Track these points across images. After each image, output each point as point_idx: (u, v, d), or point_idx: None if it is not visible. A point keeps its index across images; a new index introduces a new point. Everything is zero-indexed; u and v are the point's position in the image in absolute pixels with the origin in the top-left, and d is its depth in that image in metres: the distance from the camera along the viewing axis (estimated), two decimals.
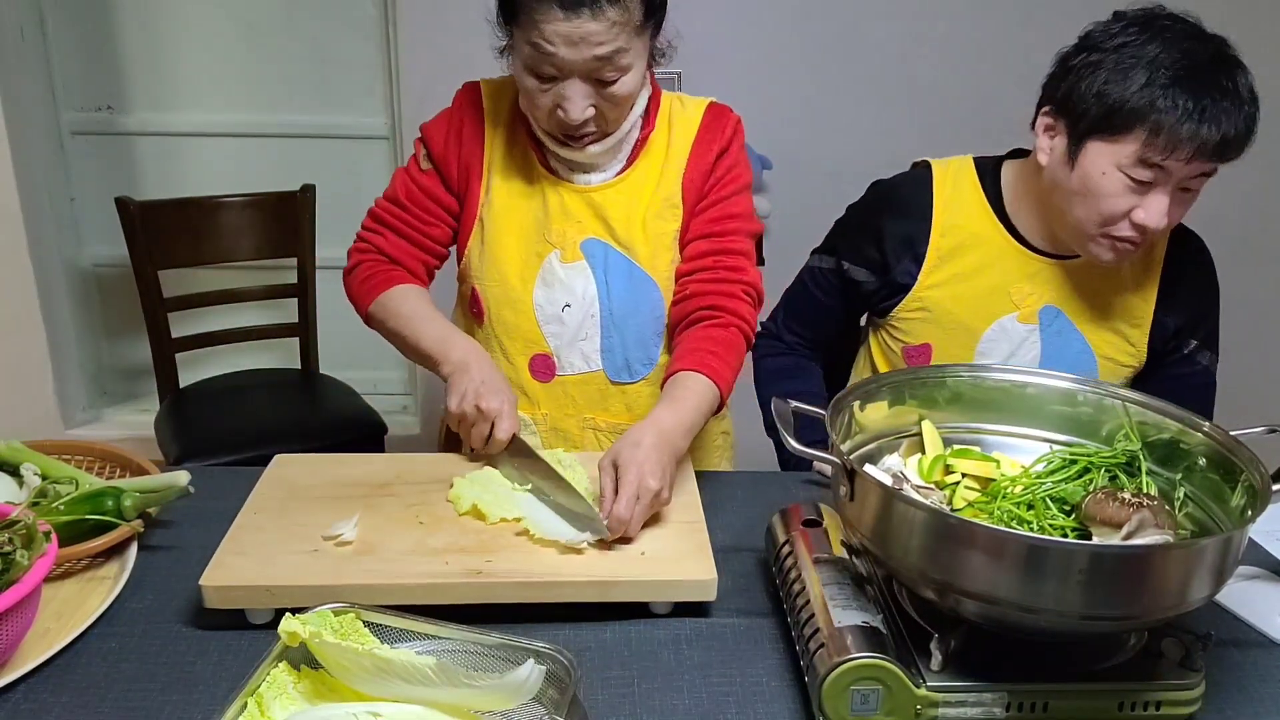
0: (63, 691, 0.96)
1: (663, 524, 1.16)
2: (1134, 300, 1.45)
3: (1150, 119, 1.24)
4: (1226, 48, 1.28)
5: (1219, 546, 0.87)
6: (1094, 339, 1.45)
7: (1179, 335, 1.47)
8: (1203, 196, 1.33)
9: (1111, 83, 1.26)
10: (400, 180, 1.46)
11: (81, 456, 1.29)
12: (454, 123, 1.43)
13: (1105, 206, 1.31)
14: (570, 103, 1.28)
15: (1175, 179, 1.27)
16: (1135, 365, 1.47)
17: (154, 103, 2.82)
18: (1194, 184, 1.30)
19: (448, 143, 1.43)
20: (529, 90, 1.30)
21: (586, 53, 1.23)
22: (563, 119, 1.30)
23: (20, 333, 2.70)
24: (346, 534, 1.11)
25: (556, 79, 1.27)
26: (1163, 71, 1.24)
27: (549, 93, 1.29)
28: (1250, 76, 1.26)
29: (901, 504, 0.92)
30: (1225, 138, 1.23)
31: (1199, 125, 1.22)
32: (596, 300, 1.41)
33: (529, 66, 1.27)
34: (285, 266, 2.48)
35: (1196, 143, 1.23)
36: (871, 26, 2.63)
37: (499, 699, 0.84)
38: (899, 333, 1.50)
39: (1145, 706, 0.92)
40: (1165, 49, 1.25)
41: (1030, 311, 1.44)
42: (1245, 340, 2.94)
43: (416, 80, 2.66)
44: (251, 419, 2.35)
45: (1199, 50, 1.25)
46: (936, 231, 1.46)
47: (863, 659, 0.89)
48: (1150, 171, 1.27)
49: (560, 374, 1.44)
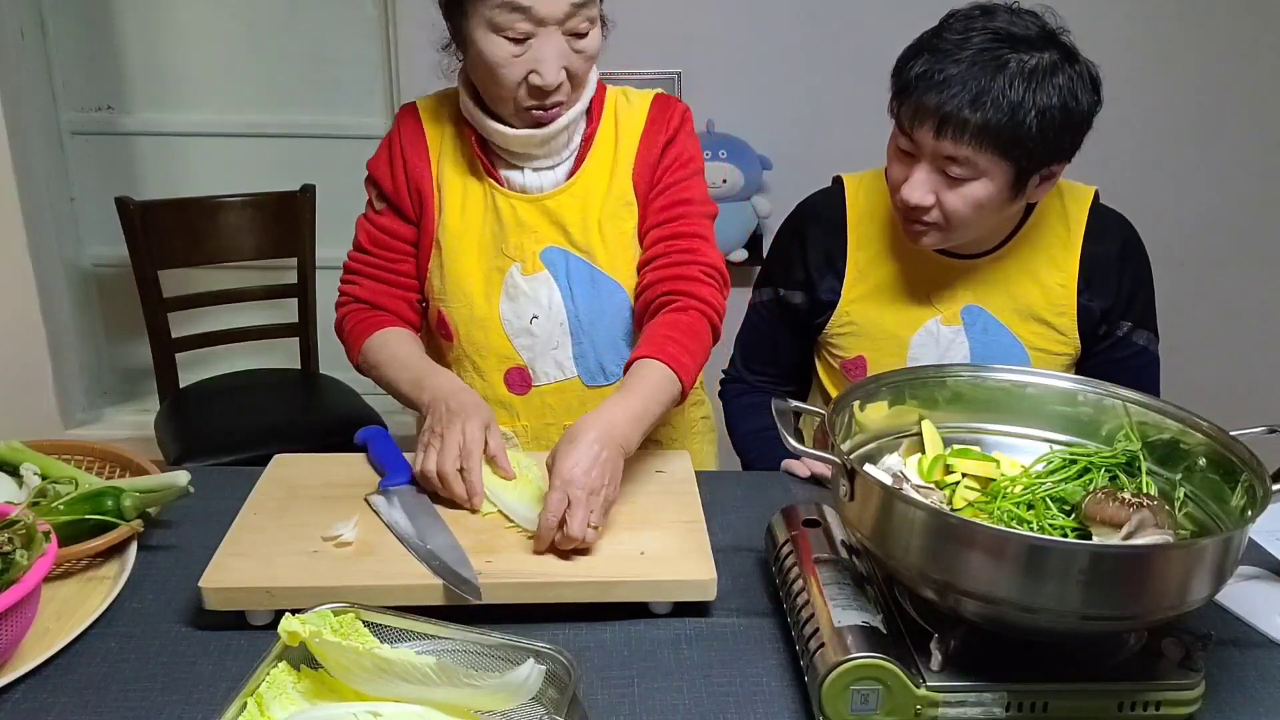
0: (62, 691, 0.96)
1: (663, 524, 1.16)
2: (1054, 289, 1.44)
3: (899, 81, 1.28)
4: (1045, 53, 1.23)
5: (1219, 546, 0.87)
6: (1021, 332, 1.44)
7: (1108, 318, 1.45)
8: (1203, 196, 1.33)
9: (908, 49, 1.31)
10: (361, 227, 1.45)
11: (81, 456, 1.29)
12: (394, 151, 1.41)
13: (888, 174, 1.35)
14: (545, 64, 1.24)
15: (925, 155, 1.29)
16: (1070, 353, 1.46)
17: (154, 103, 2.82)
18: (952, 170, 1.27)
19: (394, 174, 1.40)
20: (497, 63, 1.25)
21: (561, 3, 1.22)
22: (538, 84, 1.26)
23: (20, 333, 2.70)
24: (346, 535, 1.11)
25: (529, 39, 1.24)
26: (936, 43, 1.26)
27: (520, 59, 1.25)
28: (1063, 91, 1.22)
29: (902, 504, 0.92)
30: (946, 113, 1.22)
31: (927, 95, 1.24)
32: (563, 308, 1.40)
33: (499, 31, 1.23)
34: (285, 266, 2.49)
35: (918, 110, 1.25)
36: (871, 26, 2.63)
37: (499, 699, 0.84)
38: (835, 349, 1.51)
39: (1145, 707, 0.92)
40: (961, 25, 1.27)
41: (953, 313, 1.45)
42: (1245, 340, 2.95)
43: (416, 80, 2.65)
44: (251, 419, 2.35)
45: (989, 36, 1.24)
46: (852, 245, 1.47)
47: (863, 659, 0.89)
48: (906, 140, 1.30)
49: (536, 384, 1.43)
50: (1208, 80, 2.69)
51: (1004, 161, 1.25)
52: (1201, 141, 2.73)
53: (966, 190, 1.29)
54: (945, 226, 1.33)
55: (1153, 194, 1.57)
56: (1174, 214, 2.69)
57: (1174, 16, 2.65)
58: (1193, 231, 2.78)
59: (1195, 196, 2.77)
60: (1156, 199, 1.52)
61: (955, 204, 1.30)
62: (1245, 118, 2.74)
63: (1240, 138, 2.76)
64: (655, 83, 2.70)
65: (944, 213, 1.31)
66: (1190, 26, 2.66)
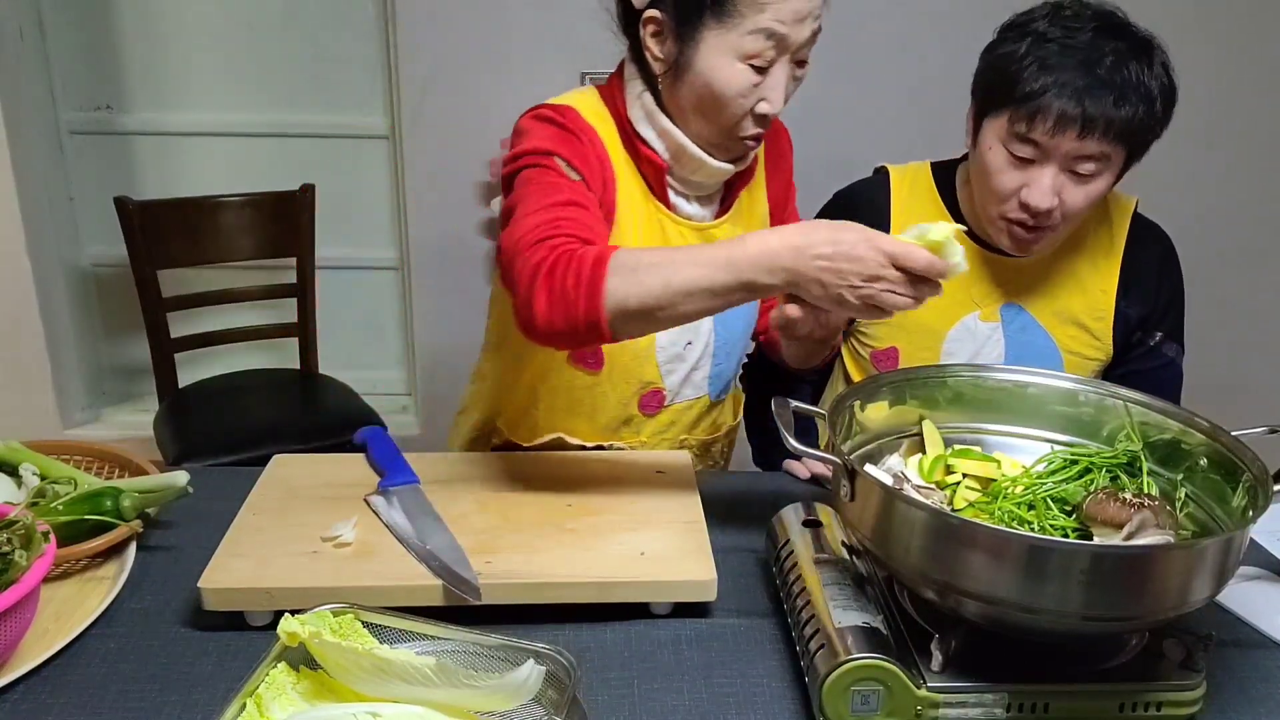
0: (61, 692, 0.95)
1: (663, 524, 1.16)
2: (1095, 294, 1.45)
3: (1017, 90, 1.26)
4: (1138, 38, 1.28)
5: (1220, 547, 0.86)
6: (1057, 334, 1.45)
7: (1143, 327, 1.47)
8: (1204, 196, 1.33)
9: (995, 61, 1.30)
10: (558, 186, 1.16)
11: (80, 457, 1.29)
12: (584, 150, 1.22)
13: (993, 183, 1.32)
14: (776, 92, 1.19)
15: (1055, 157, 1.27)
16: (1102, 359, 1.47)
17: (153, 103, 2.82)
18: (1082, 167, 1.28)
19: (589, 172, 1.22)
20: (736, 93, 1.18)
21: (809, 27, 1.17)
22: (766, 112, 1.20)
23: (19, 333, 2.70)
24: (345, 535, 1.11)
25: (770, 67, 1.18)
26: (1042, 46, 1.26)
27: (760, 86, 1.19)
28: (1154, 69, 1.26)
29: (902, 504, 0.91)
30: (1088, 114, 1.23)
31: (1059, 99, 1.23)
32: (712, 332, 1.38)
33: (745, 59, 1.16)
34: (285, 266, 2.48)
35: (1057, 115, 1.24)
36: (871, 26, 2.63)
37: (499, 699, 0.84)
38: (866, 338, 1.51)
39: (1146, 707, 0.92)
40: (1055, 27, 1.27)
41: (992, 310, 1.45)
42: (1245, 340, 2.95)
43: (416, 80, 2.66)
44: (251, 419, 2.35)
45: (1089, 34, 1.26)
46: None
47: (863, 659, 0.89)
48: (1028, 147, 1.28)
49: (668, 404, 1.41)
50: (1208, 80, 2.69)
51: (1125, 150, 1.28)
52: (1202, 141, 2.73)
53: (1091, 186, 1.30)
54: (1057, 227, 1.33)
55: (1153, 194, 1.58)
56: (1174, 214, 2.68)
57: (1175, 16, 2.65)
58: (1193, 231, 2.77)
59: (1196, 196, 2.77)
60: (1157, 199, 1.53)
61: (1078, 201, 1.30)
62: (1246, 118, 2.74)
63: (1241, 138, 2.76)
64: None
65: (1063, 212, 1.31)
66: (1192, 26, 2.66)
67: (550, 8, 2.63)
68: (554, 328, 1.05)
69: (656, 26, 1.22)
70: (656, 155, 1.28)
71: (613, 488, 1.24)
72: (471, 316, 2.97)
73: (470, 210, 2.79)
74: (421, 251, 2.81)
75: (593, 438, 1.39)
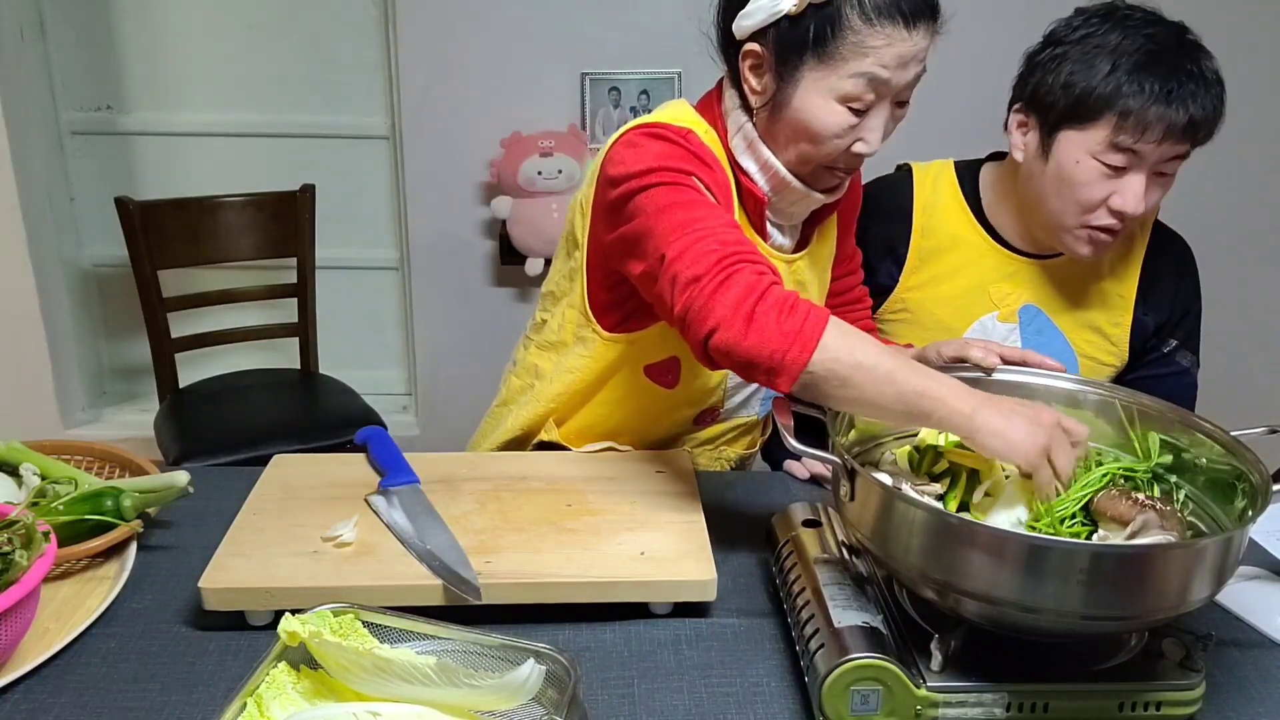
0: (62, 692, 0.96)
1: (663, 524, 1.16)
2: (1114, 298, 1.45)
3: (1118, 104, 1.25)
4: (1187, 33, 1.30)
5: (1219, 547, 0.87)
6: (1074, 338, 1.46)
7: (1159, 334, 1.47)
8: (1204, 196, 1.34)
9: (1077, 73, 1.28)
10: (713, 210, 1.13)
11: (81, 456, 1.29)
12: (708, 175, 1.18)
13: (1081, 195, 1.31)
14: (874, 133, 1.17)
15: (1149, 163, 1.28)
16: (1116, 365, 1.48)
17: (154, 102, 2.82)
18: (1168, 167, 1.30)
19: (722, 197, 1.19)
20: (833, 134, 1.16)
21: (913, 71, 1.15)
22: (863, 151, 1.19)
23: (20, 333, 2.70)
24: (346, 535, 1.11)
25: (870, 109, 1.16)
26: (1127, 57, 1.26)
27: (857, 127, 1.17)
28: (1214, 61, 1.28)
29: (902, 504, 0.92)
30: (1193, 118, 1.25)
31: (1166, 107, 1.24)
32: None
33: (845, 101, 1.14)
34: (285, 266, 2.49)
35: (1165, 124, 1.24)
36: None
37: (499, 699, 0.84)
38: (883, 334, 1.51)
39: (1146, 707, 0.92)
40: (1127, 36, 1.27)
41: (1010, 310, 1.45)
42: (1245, 340, 2.94)
43: (416, 80, 2.66)
44: (251, 419, 2.35)
45: (1161, 35, 1.28)
46: (917, 233, 1.47)
47: (863, 659, 0.89)
48: (1123, 156, 1.28)
49: (719, 421, 1.41)
50: None
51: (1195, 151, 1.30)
52: None
53: (1167, 183, 1.32)
54: (1126, 227, 1.34)
55: None
56: (1174, 214, 2.68)
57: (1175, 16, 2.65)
58: (1193, 231, 2.77)
59: (1196, 196, 2.77)
60: None
61: (1156, 200, 1.33)
62: (1246, 118, 2.74)
63: (1242, 138, 2.76)
64: (655, 82, 2.71)
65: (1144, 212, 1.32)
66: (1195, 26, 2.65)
67: (550, 8, 2.63)
68: (736, 351, 1.02)
69: (756, 60, 1.19)
70: (758, 188, 1.26)
71: (613, 488, 1.24)
72: (471, 316, 2.99)
73: (470, 210, 2.79)
74: (421, 251, 2.82)
75: (642, 446, 1.39)
